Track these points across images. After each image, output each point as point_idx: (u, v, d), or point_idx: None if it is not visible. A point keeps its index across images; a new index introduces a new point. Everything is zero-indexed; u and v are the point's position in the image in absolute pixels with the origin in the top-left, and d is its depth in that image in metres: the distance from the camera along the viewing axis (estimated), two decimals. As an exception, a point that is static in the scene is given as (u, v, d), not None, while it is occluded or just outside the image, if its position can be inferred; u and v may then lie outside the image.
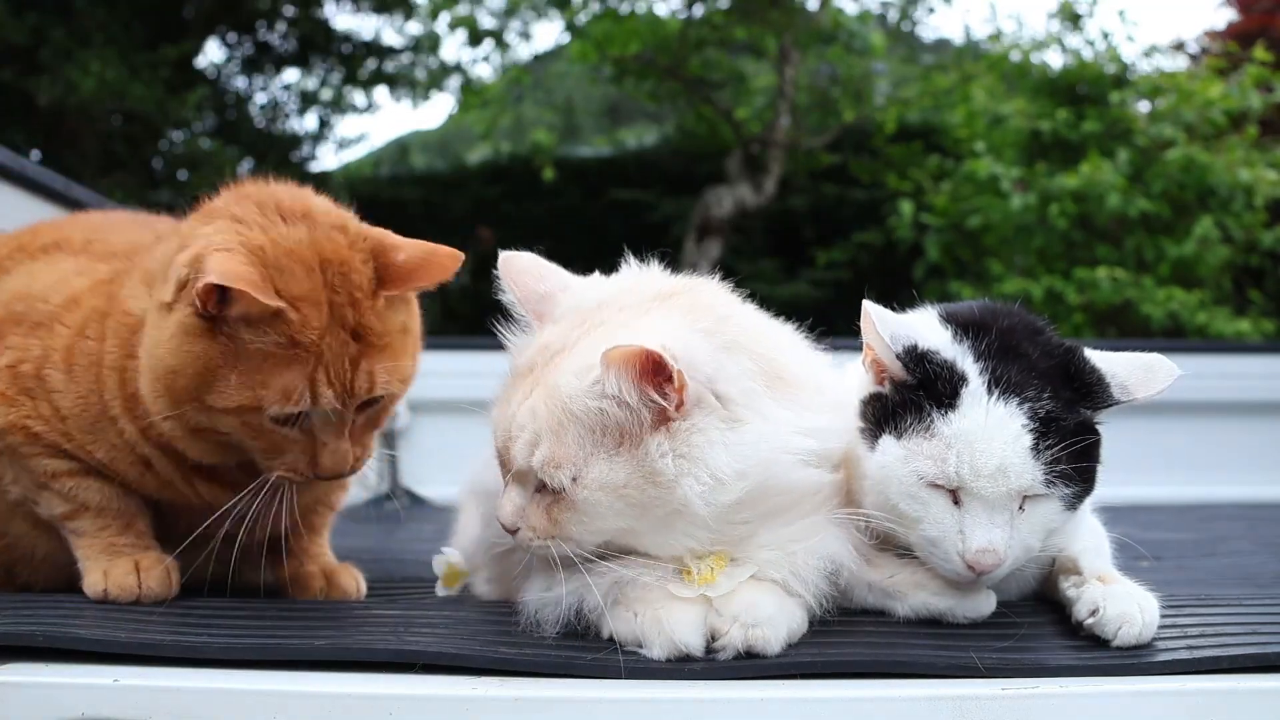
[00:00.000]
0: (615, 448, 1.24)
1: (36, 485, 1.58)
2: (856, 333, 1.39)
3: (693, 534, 1.26)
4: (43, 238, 1.73)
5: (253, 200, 1.48)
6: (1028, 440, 1.26)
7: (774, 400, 1.30)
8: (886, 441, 1.33)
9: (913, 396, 1.32)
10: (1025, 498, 1.29)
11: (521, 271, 1.44)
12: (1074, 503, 1.32)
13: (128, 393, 1.50)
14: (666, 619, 1.25)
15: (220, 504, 1.52)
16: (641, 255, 1.48)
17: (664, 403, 1.22)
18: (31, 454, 1.56)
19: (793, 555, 1.29)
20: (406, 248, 1.49)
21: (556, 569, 1.30)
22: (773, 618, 1.24)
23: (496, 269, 1.43)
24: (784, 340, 1.42)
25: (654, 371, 1.21)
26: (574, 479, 1.24)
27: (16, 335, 1.56)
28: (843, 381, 1.47)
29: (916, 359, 1.32)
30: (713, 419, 1.24)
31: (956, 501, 1.29)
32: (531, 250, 1.46)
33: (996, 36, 8.74)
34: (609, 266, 1.47)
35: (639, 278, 1.44)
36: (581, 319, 1.35)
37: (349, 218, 1.52)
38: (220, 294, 1.35)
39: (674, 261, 1.51)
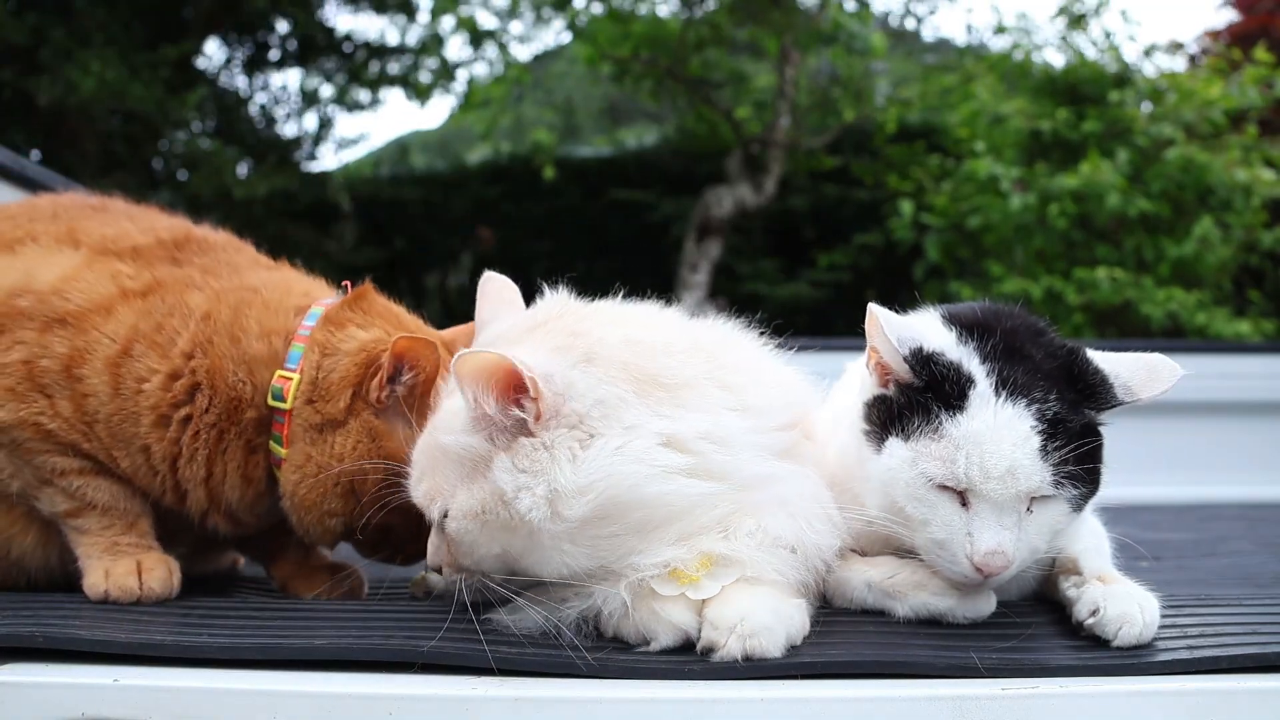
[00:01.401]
0: (472, 476, 1.28)
1: (39, 481, 1.57)
2: (856, 333, 1.39)
3: (564, 549, 1.26)
4: (16, 230, 1.67)
5: (378, 313, 1.64)
6: (1036, 442, 1.26)
7: (646, 407, 1.28)
8: (893, 444, 1.33)
9: (919, 398, 1.31)
10: (1032, 499, 1.29)
11: (483, 296, 1.52)
12: (1080, 504, 1.32)
13: (206, 448, 1.55)
14: (662, 609, 1.26)
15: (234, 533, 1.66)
16: (642, 255, 1.49)
17: (523, 414, 1.24)
18: (40, 450, 1.54)
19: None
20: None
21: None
22: (770, 626, 1.23)
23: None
24: (665, 344, 1.36)
25: (511, 385, 1.23)
26: (445, 512, 1.30)
27: (28, 331, 1.53)
28: (781, 373, 1.47)
29: (923, 361, 1.32)
30: (565, 435, 1.25)
31: (964, 504, 1.29)
32: (533, 249, 1.48)
33: (1003, 28, 8.74)
34: (609, 266, 1.48)
35: (537, 308, 1.46)
36: None
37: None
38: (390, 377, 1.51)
39: (674, 261, 1.52)
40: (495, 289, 1.52)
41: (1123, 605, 1.30)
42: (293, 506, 1.55)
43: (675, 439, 1.27)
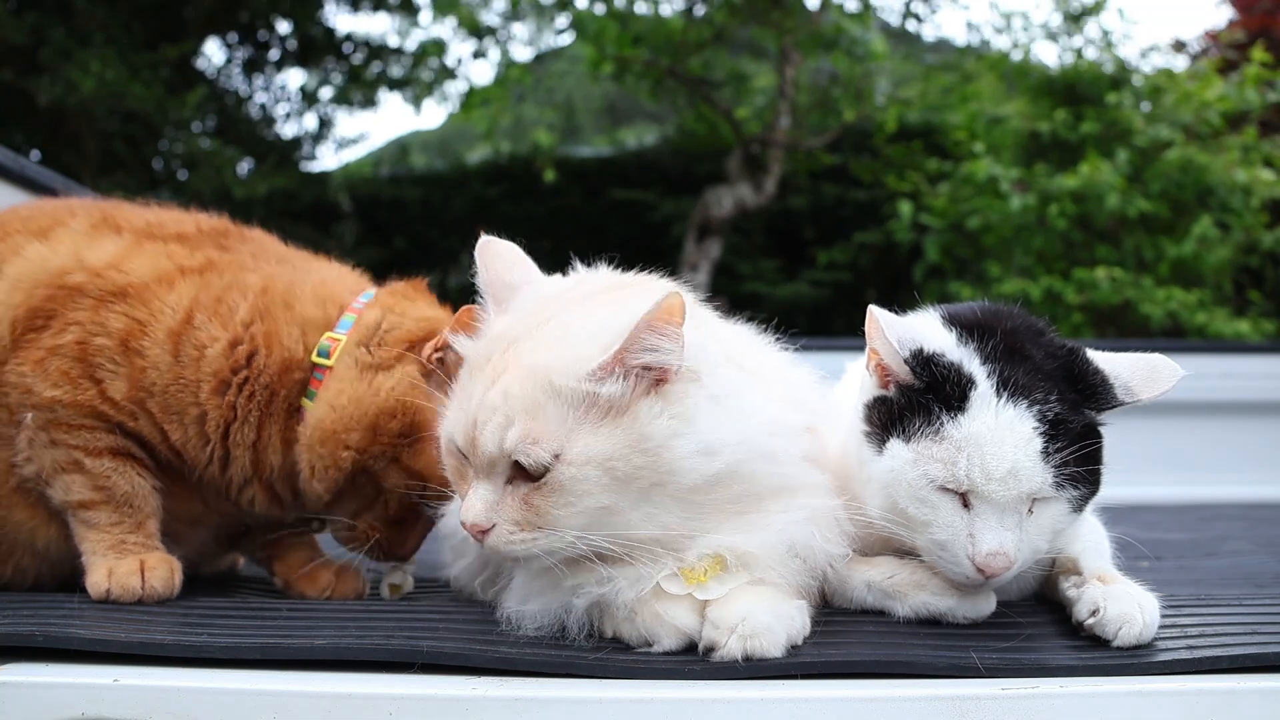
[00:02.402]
0: (600, 419, 1.22)
1: (60, 467, 1.55)
2: (856, 333, 1.39)
3: (670, 509, 1.25)
4: (40, 220, 1.68)
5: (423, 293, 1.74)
6: (1038, 443, 1.26)
7: (746, 381, 1.32)
8: (895, 445, 1.33)
9: (920, 400, 1.31)
10: (1034, 500, 1.29)
11: (495, 257, 1.45)
12: (1081, 504, 1.32)
13: (256, 410, 1.58)
14: (665, 612, 1.26)
15: (270, 514, 1.67)
16: (642, 255, 1.49)
17: (670, 359, 1.22)
18: (83, 427, 1.54)
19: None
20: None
21: (533, 576, 1.31)
22: (770, 626, 1.24)
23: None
24: (734, 330, 1.45)
25: (674, 325, 1.21)
26: (556, 455, 1.21)
27: (82, 310, 1.54)
28: (799, 377, 1.48)
29: (923, 362, 1.32)
30: (700, 388, 1.25)
31: (965, 505, 1.29)
32: (533, 249, 1.48)
33: (1006, 24, 8.74)
34: (609, 266, 1.48)
35: (588, 275, 1.45)
36: (537, 311, 1.36)
37: None
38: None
39: (674, 261, 1.54)
40: (507, 250, 1.47)
41: (1123, 605, 1.30)
42: (310, 441, 1.56)
43: (774, 418, 1.31)
